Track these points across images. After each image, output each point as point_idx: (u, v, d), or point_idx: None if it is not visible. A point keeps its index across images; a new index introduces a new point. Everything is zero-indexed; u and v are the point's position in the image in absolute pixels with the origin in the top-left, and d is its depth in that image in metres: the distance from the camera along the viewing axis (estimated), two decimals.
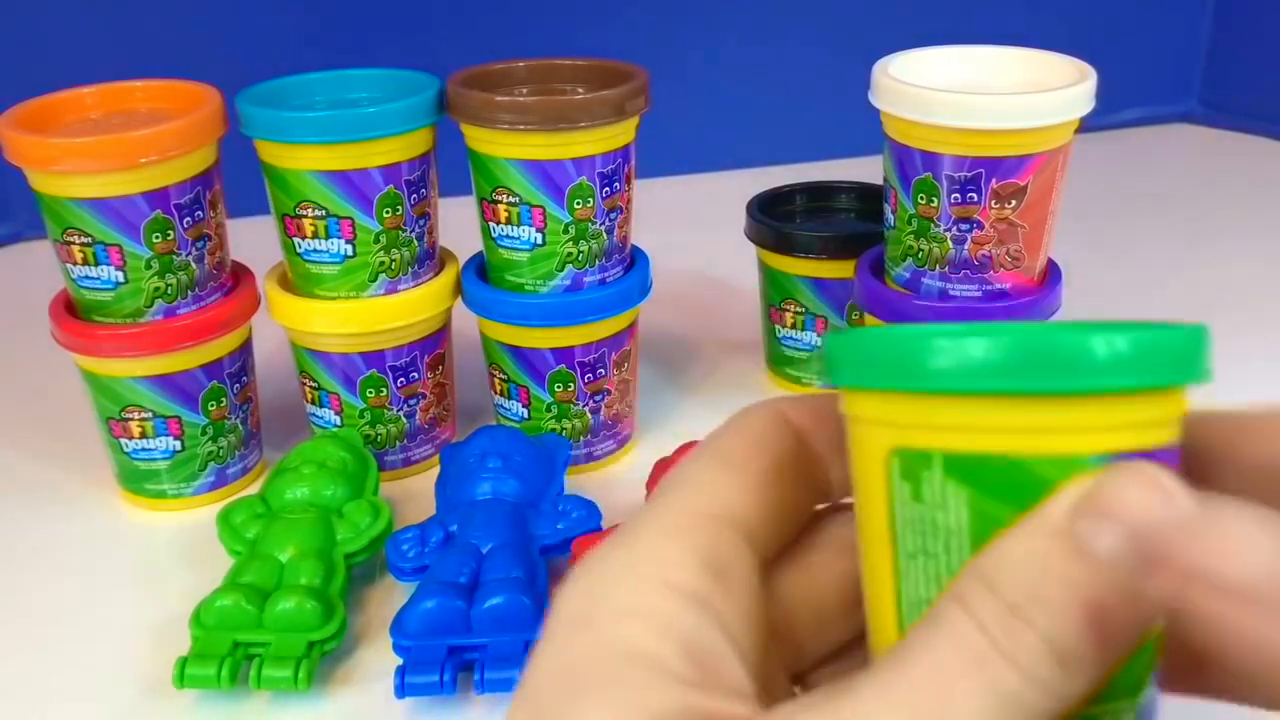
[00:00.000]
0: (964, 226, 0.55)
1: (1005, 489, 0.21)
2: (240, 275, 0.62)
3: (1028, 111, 0.53)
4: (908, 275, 0.58)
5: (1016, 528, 0.20)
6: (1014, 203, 0.54)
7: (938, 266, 0.56)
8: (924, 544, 0.21)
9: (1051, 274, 0.59)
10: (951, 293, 0.57)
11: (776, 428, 0.25)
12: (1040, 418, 0.20)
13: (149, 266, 0.56)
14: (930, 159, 0.54)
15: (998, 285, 0.56)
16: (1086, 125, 0.55)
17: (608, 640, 0.21)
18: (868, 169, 0.72)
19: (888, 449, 0.22)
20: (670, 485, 0.24)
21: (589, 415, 0.62)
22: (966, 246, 0.55)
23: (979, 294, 0.56)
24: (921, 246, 0.57)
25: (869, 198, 0.70)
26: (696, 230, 0.85)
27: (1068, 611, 0.19)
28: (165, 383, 0.58)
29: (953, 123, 0.53)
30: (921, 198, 0.56)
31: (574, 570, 0.23)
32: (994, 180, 0.54)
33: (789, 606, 0.25)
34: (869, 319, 0.61)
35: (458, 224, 0.65)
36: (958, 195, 0.54)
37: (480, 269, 0.62)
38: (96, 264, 0.55)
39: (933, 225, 0.56)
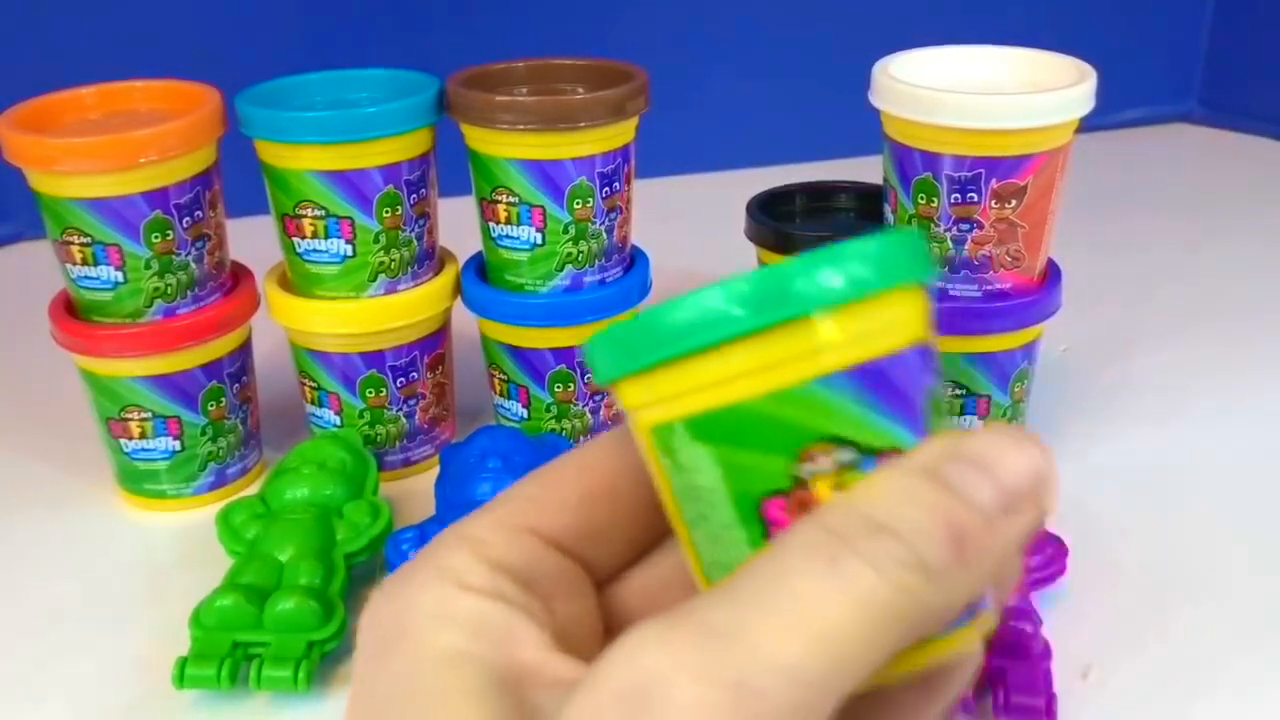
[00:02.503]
0: (964, 226, 0.55)
1: (739, 435, 0.21)
2: (240, 275, 0.62)
3: (1028, 111, 0.53)
4: None
5: (879, 472, 0.21)
6: (1014, 203, 0.54)
7: (938, 266, 0.56)
8: (699, 509, 0.22)
9: (1051, 274, 0.59)
10: (952, 293, 0.57)
11: (618, 449, 0.25)
12: (740, 361, 0.21)
13: (148, 266, 0.56)
14: (930, 159, 0.54)
15: (998, 285, 0.56)
16: (1086, 125, 0.55)
17: (427, 651, 0.21)
18: (868, 169, 0.72)
19: (647, 431, 0.22)
20: (492, 500, 0.25)
21: (589, 415, 0.62)
22: (966, 246, 0.55)
23: (979, 294, 0.56)
24: None
25: (869, 198, 0.70)
26: (696, 230, 0.85)
27: (931, 527, 0.20)
28: (165, 383, 0.58)
29: (953, 123, 0.53)
30: (921, 198, 0.56)
31: (376, 595, 0.23)
32: (994, 180, 0.54)
33: (628, 615, 0.25)
34: None
35: (457, 224, 0.65)
36: (958, 195, 0.54)
37: (480, 269, 0.62)
38: (96, 264, 0.55)
39: (933, 225, 0.56)
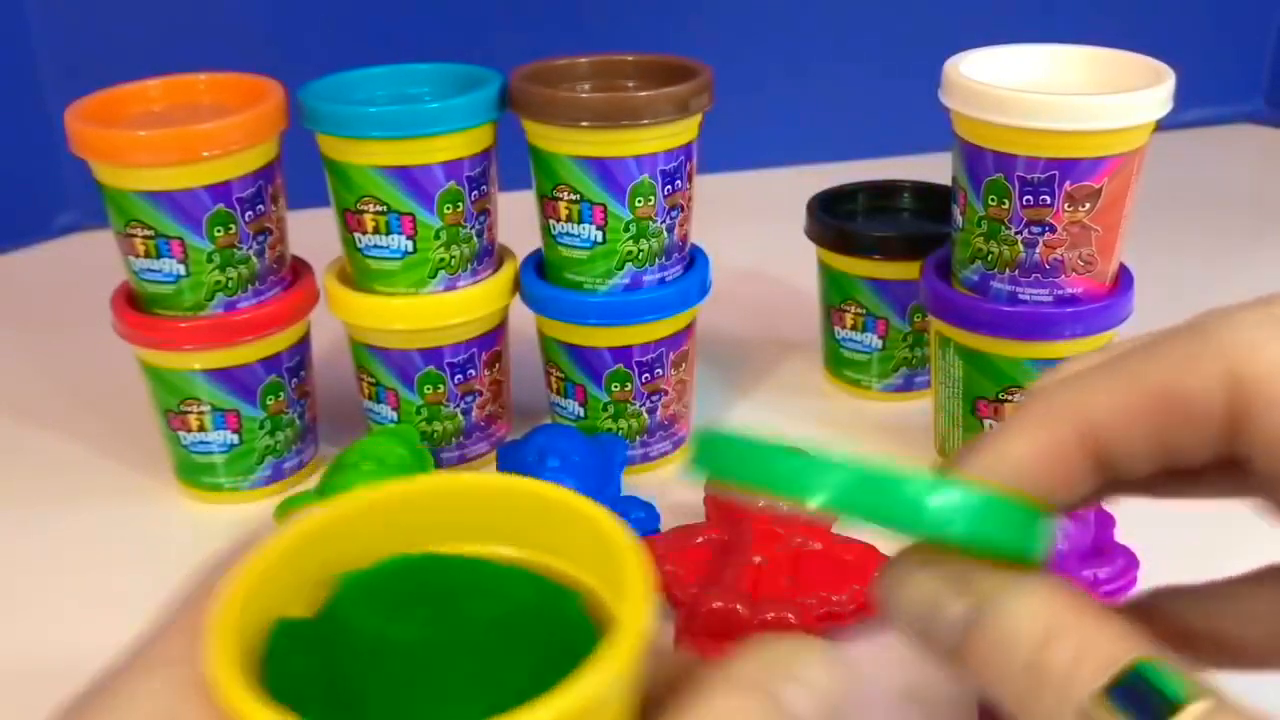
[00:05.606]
0: (1036, 229, 0.54)
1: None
2: (300, 269, 0.62)
3: (1106, 113, 0.51)
4: (976, 278, 0.57)
5: (713, 686, 0.22)
6: (1088, 205, 0.53)
7: (1008, 270, 0.55)
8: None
9: (1123, 279, 0.58)
10: (1021, 297, 0.55)
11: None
12: None
13: (210, 260, 0.56)
14: (1003, 159, 0.53)
15: (1069, 290, 0.55)
16: None
17: None
18: (929, 166, 0.71)
19: None
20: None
21: (645, 415, 0.62)
22: (1038, 250, 0.54)
23: (1050, 299, 0.55)
24: (991, 249, 0.55)
25: (932, 197, 0.69)
26: (756, 228, 0.84)
27: None
28: (224, 376, 0.58)
29: (1028, 123, 0.51)
30: (992, 199, 0.54)
31: None
32: (1068, 182, 0.53)
33: None
34: (932, 321, 0.60)
35: (516, 219, 0.64)
36: (1030, 197, 0.53)
37: (539, 266, 0.62)
38: (159, 257, 0.55)
39: (1003, 227, 0.54)
